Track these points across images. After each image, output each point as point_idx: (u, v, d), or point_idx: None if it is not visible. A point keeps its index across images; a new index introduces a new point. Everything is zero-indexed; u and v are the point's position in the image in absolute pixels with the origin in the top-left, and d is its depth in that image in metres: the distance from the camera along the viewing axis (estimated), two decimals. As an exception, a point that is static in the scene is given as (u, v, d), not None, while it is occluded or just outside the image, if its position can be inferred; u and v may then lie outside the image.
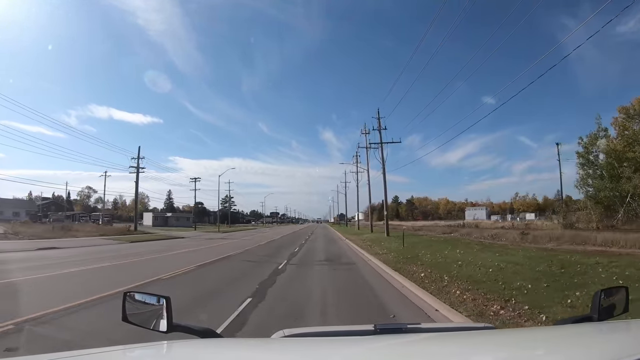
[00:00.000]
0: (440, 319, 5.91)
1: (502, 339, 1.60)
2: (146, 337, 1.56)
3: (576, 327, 1.59)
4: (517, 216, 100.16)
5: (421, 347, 1.44)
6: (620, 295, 1.66)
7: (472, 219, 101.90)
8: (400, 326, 1.58)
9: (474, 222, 78.41)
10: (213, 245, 24.46)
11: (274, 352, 1.44)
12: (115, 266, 12.92)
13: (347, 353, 1.37)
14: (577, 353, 1.23)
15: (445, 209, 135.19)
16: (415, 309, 6.71)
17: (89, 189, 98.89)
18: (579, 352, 1.24)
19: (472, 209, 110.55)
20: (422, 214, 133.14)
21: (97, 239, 28.65)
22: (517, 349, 1.37)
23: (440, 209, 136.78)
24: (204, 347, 1.47)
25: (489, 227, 42.77)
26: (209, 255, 16.97)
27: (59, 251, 18.44)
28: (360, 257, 16.86)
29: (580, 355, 1.20)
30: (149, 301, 1.56)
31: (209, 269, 12.38)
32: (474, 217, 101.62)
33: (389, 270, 11.26)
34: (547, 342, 1.43)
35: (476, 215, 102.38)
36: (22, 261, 13.74)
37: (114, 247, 21.73)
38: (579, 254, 11.98)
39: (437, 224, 74.75)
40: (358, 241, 26.44)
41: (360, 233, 37.40)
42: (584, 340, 1.40)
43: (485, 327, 1.81)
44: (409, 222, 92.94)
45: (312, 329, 1.83)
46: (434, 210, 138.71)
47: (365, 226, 52.45)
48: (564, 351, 1.29)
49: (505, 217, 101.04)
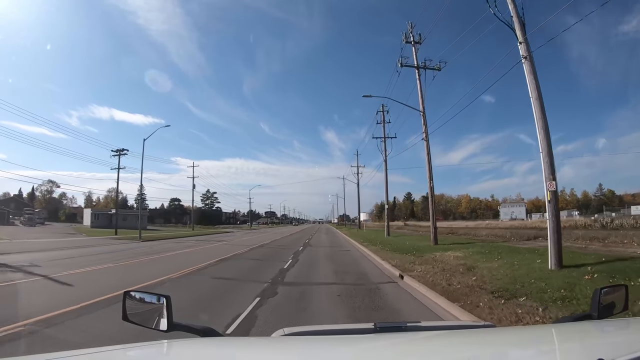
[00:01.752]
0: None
1: (502, 337, 1.60)
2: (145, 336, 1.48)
3: (576, 325, 1.59)
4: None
5: (421, 346, 1.44)
6: (620, 294, 1.65)
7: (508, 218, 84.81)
8: (400, 325, 1.59)
9: (519, 222, 61.35)
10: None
11: (274, 351, 1.42)
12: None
13: (347, 352, 1.36)
14: (577, 351, 1.24)
15: (469, 207, 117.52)
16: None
17: (51, 183, 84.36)
18: (578, 350, 1.25)
19: (508, 205, 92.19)
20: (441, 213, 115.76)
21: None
22: (517, 348, 1.36)
23: (462, 207, 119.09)
24: (204, 346, 1.45)
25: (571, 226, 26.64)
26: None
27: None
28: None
29: (580, 353, 1.20)
30: (149, 300, 1.54)
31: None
32: (511, 216, 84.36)
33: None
34: (547, 341, 1.42)
35: (514, 213, 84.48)
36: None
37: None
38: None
39: (467, 225, 58.60)
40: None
41: (393, 243, 22.34)
42: (584, 339, 1.39)
43: (485, 326, 1.80)
44: (426, 223, 76.56)
45: (312, 328, 1.75)
46: (453, 208, 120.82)
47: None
48: (563, 349, 1.29)
49: (543, 215, 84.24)
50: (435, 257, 12.51)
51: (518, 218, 79.32)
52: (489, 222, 75.55)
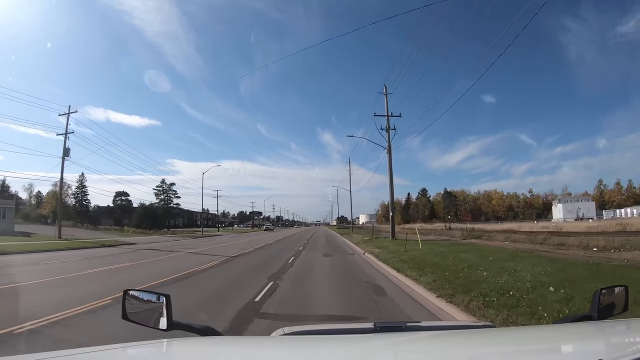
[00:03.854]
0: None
1: (501, 337, 1.58)
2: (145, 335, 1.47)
3: (575, 326, 1.56)
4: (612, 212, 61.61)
5: (421, 346, 1.42)
6: (620, 294, 1.63)
7: (573, 217, 63.31)
8: (400, 324, 1.57)
9: (595, 223, 40.71)
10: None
11: (274, 350, 1.39)
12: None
13: (347, 351, 1.34)
14: (577, 352, 1.23)
15: (502, 206, 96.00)
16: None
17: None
18: (578, 351, 1.23)
19: (571, 200, 69.44)
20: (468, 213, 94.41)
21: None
22: (516, 348, 1.34)
23: (494, 205, 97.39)
24: (204, 345, 1.42)
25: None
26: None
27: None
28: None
29: (580, 353, 1.19)
30: (149, 299, 1.52)
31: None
32: (577, 214, 63.04)
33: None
34: (547, 341, 1.40)
35: (580, 210, 62.88)
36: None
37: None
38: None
39: (520, 227, 38.98)
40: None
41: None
42: (583, 339, 1.37)
43: (485, 326, 1.78)
44: (457, 224, 56.69)
45: (312, 327, 1.73)
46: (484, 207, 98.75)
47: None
48: (563, 350, 1.28)
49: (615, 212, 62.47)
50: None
51: (586, 217, 57.85)
52: (543, 223, 54.58)
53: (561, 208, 65.27)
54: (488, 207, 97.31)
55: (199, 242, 31.66)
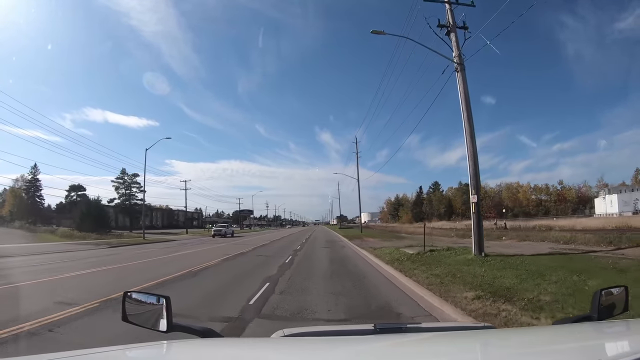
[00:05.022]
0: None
1: (501, 338, 1.57)
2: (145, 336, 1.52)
3: (576, 327, 1.55)
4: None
5: (421, 347, 1.40)
6: (620, 295, 1.61)
7: (631, 210, 52.32)
8: (400, 326, 1.55)
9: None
10: None
11: (274, 352, 1.39)
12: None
13: (347, 353, 1.33)
14: (577, 352, 1.21)
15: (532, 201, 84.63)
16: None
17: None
18: (578, 351, 1.22)
19: (625, 190, 57.57)
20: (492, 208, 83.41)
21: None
22: (516, 349, 1.33)
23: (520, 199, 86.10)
24: (203, 346, 1.42)
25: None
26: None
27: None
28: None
29: (580, 354, 1.17)
30: (149, 301, 1.51)
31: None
32: (635, 208, 51.95)
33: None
34: (547, 342, 1.39)
35: (639, 202, 51.59)
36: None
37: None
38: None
39: (589, 225, 29.05)
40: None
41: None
42: (583, 340, 1.36)
43: (485, 327, 1.76)
44: (489, 222, 46.23)
45: (312, 329, 1.75)
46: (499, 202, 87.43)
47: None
48: (563, 351, 1.26)
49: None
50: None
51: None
52: (594, 220, 43.84)
53: (616, 199, 53.92)
54: (514, 201, 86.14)
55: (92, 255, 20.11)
